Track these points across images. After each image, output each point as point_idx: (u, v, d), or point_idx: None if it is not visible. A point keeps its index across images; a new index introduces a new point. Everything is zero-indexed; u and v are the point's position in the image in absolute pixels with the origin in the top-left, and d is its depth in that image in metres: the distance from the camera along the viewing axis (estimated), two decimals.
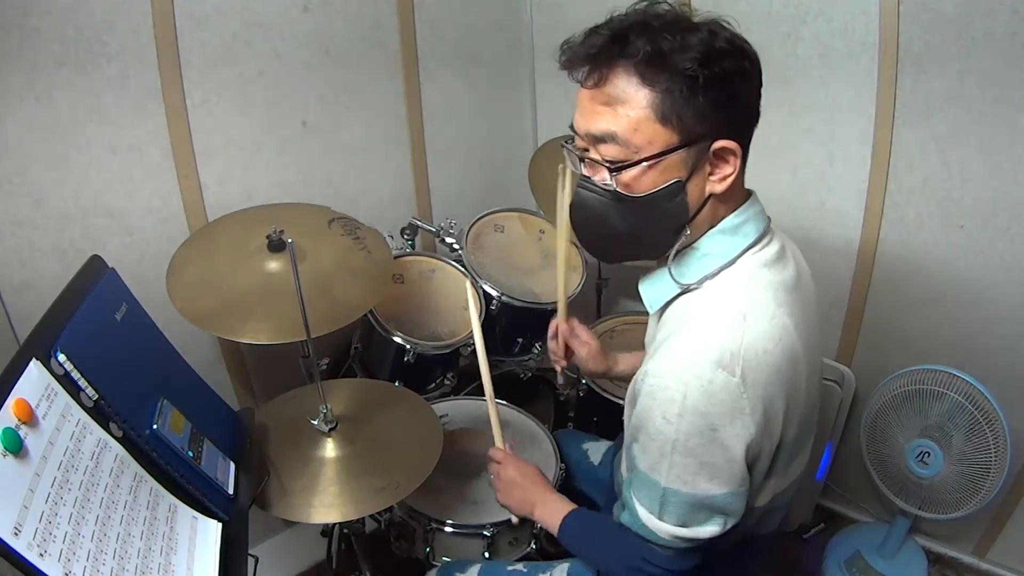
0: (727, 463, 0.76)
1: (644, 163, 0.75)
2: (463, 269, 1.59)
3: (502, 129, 2.00)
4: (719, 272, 0.82)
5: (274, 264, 1.19)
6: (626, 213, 0.79)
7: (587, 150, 0.80)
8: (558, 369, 1.28)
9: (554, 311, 1.61)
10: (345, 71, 1.55)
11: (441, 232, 1.61)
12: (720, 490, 0.77)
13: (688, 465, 0.76)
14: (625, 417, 0.90)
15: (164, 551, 0.76)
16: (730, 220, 0.82)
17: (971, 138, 1.37)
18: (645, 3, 0.77)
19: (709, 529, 0.80)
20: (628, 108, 0.74)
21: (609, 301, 2.00)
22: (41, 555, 0.61)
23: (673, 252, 0.82)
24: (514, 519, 1.12)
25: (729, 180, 0.78)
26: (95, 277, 0.90)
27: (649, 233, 0.81)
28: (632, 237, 0.82)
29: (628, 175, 0.77)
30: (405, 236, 1.64)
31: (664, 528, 0.81)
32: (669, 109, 0.73)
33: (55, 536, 0.63)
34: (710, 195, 0.79)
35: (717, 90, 0.72)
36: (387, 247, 1.35)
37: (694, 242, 0.83)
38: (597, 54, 0.75)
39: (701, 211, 0.80)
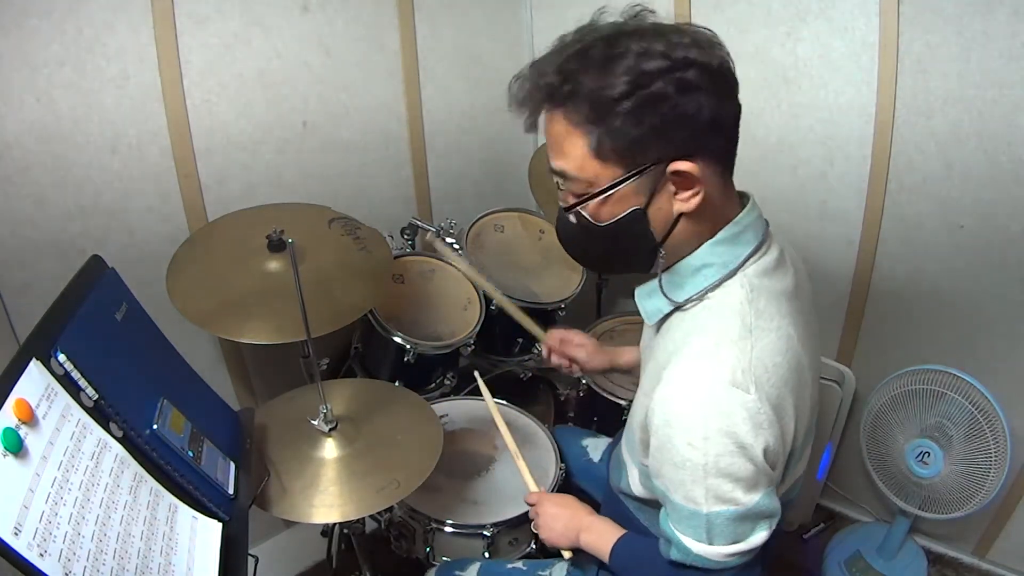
0: (757, 472, 0.75)
1: (597, 197, 0.76)
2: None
3: (502, 129, 1.99)
4: (720, 284, 0.80)
5: (274, 264, 1.19)
6: (596, 240, 0.80)
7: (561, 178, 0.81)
8: (577, 376, 1.30)
9: (554, 310, 1.62)
10: (345, 71, 1.55)
11: (441, 232, 1.61)
12: (757, 496, 0.76)
13: (723, 484, 0.75)
14: (634, 439, 0.89)
15: (164, 551, 0.76)
16: (729, 229, 0.80)
17: (971, 138, 1.37)
18: (568, 37, 0.75)
19: (760, 536, 0.79)
20: (569, 148, 0.75)
21: (609, 301, 2.00)
22: (41, 555, 0.60)
23: (659, 270, 0.83)
24: (566, 555, 1.06)
25: (696, 199, 0.75)
26: (95, 277, 0.90)
27: (623, 256, 0.83)
28: (609, 258, 0.85)
29: (589, 207, 0.78)
30: (405, 236, 1.64)
31: (718, 551, 0.79)
32: (604, 146, 0.72)
33: (55, 536, 0.63)
34: (680, 214, 0.77)
35: (652, 115, 0.69)
36: (387, 247, 1.35)
37: (683, 258, 0.81)
38: (526, 101, 0.75)
39: (673, 231, 0.78)
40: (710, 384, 0.73)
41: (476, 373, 1.34)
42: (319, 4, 1.46)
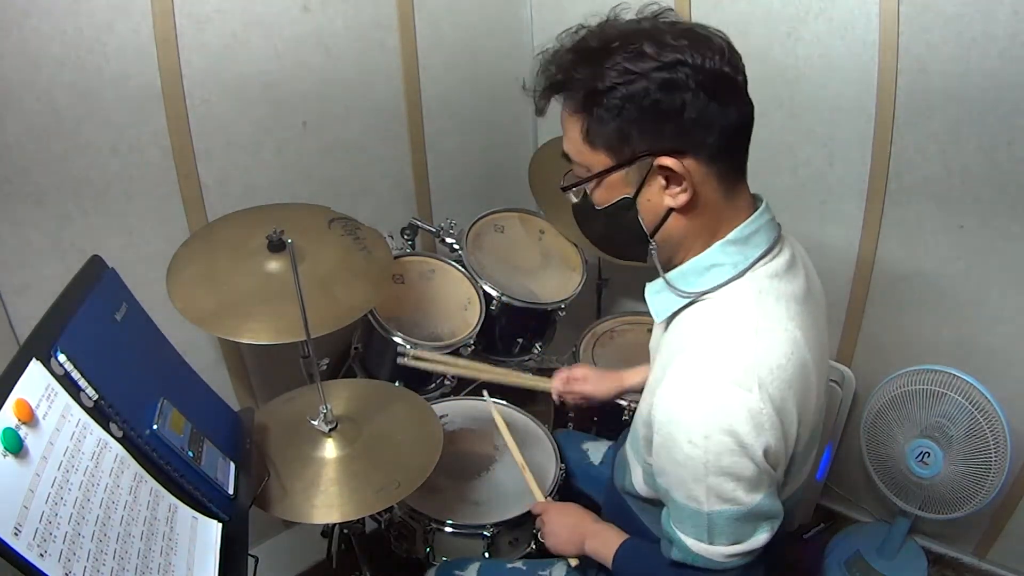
0: (759, 472, 0.75)
1: (591, 182, 0.81)
2: (463, 269, 1.59)
3: (502, 129, 2.00)
4: (728, 283, 0.80)
5: (274, 264, 1.19)
6: (597, 221, 0.85)
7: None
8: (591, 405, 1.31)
9: (554, 310, 1.62)
10: (345, 71, 1.55)
11: (441, 232, 1.61)
12: (759, 496, 0.76)
13: (725, 483, 0.75)
14: (638, 436, 0.89)
15: (164, 551, 0.76)
16: (740, 231, 0.80)
17: (971, 138, 1.37)
18: (572, 29, 0.79)
19: (761, 537, 0.79)
20: (570, 134, 0.80)
21: (609, 301, 2.00)
22: (41, 555, 0.60)
23: (659, 265, 0.84)
24: (572, 562, 1.07)
25: (684, 196, 0.76)
26: (95, 277, 0.90)
27: (620, 240, 0.86)
28: (611, 240, 0.89)
29: (588, 189, 0.82)
30: (405, 236, 1.64)
31: (719, 551, 0.79)
32: (594, 135, 0.77)
33: (55, 536, 0.63)
34: (671, 209, 0.79)
35: (635, 110, 0.73)
36: (387, 247, 1.35)
37: (693, 256, 0.82)
38: (538, 89, 0.80)
39: (664, 225, 0.80)
40: (712, 382, 0.74)
41: (485, 393, 1.36)
42: (319, 4, 1.46)
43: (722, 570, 0.81)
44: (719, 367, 0.74)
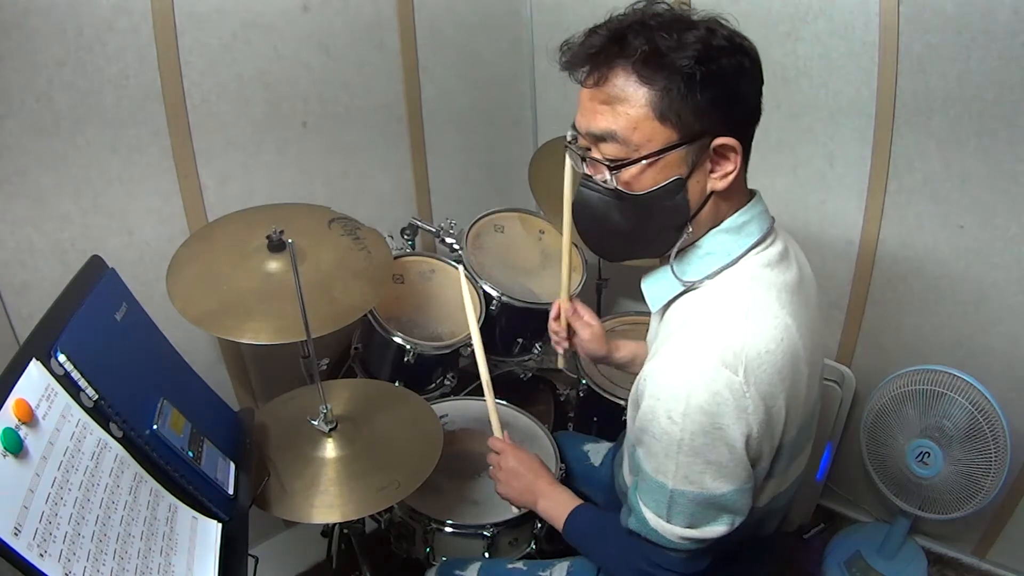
0: (732, 460, 0.76)
1: (643, 161, 0.76)
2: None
3: (502, 129, 2.00)
4: (721, 271, 0.82)
5: (274, 264, 1.19)
6: (627, 211, 0.80)
7: (589, 149, 0.81)
8: (559, 352, 1.26)
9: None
10: (345, 71, 1.55)
11: (441, 232, 1.61)
12: (727, 487, 0.77)
13: (694, 464, 0.76)
14: (628, 418, 0.90)
15: (164, 551, 0.76)
16: (734, 219, 0.82)
17: (971, 138, 1.37)
18: (644, 3, 0.78)
19: (717, 528, 0.80)
20: (627, 107, 0.75)
21: (609, 301, 2.00)
22: (41, 555, 0.61)
23: (675, 250, 0.83)
24: (515, 510, 1.07)
25: (730, 177, 0.79)
26: (95, 277, 0.90)
27: (651, 230, 0.82)
28: (634, 235, 0.83)
29: (628, 173, 0.77)
30: (405, 236, 1.64)
31: (673, 530, 0.81)
32: (667, 107, 0.74)
33: (55, 536, 0.63)
34: (711, 192, 0.80)
35: (715, 87, 0.73)
36: (387, 247, 1.35)
37: (696, 240, 0.84)
38: (596, 54, 0.76)
39: (703, 209, 0.81)
40: (699, 361, 0.75)
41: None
42: (319, 4, 1.46)
43: (671, 548, 0.83)
44: (708, 347, 0.75)
